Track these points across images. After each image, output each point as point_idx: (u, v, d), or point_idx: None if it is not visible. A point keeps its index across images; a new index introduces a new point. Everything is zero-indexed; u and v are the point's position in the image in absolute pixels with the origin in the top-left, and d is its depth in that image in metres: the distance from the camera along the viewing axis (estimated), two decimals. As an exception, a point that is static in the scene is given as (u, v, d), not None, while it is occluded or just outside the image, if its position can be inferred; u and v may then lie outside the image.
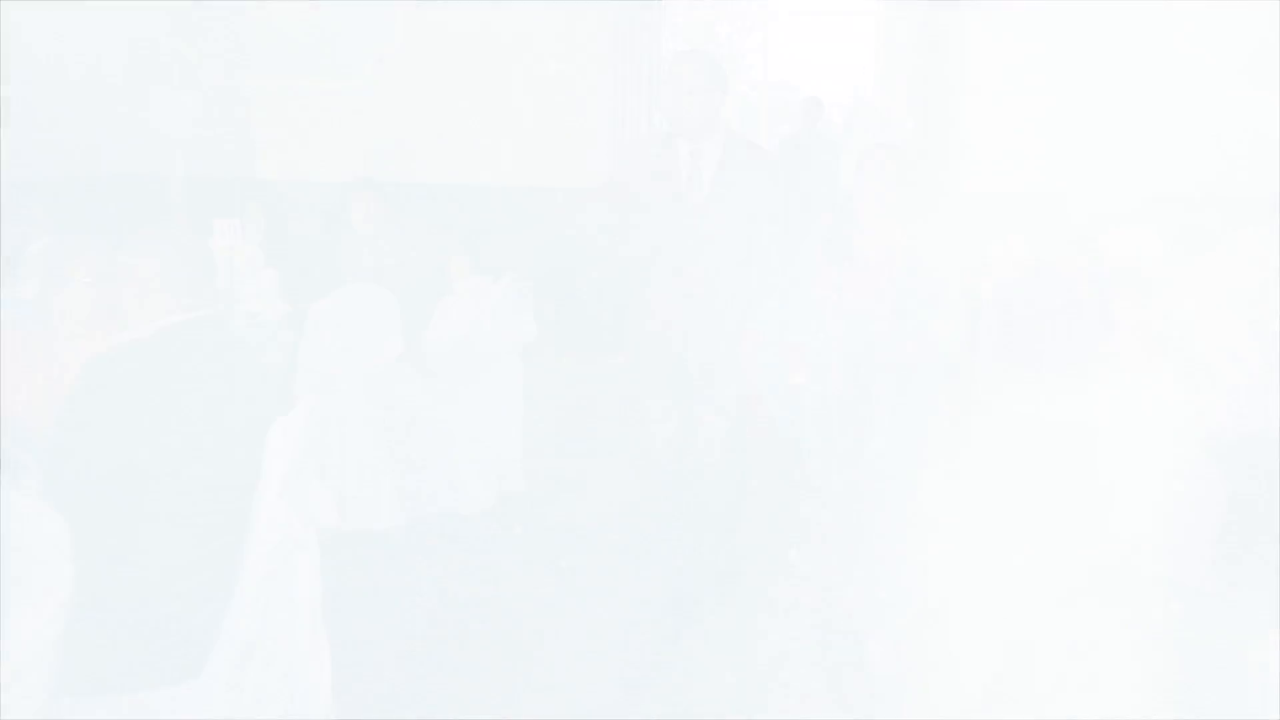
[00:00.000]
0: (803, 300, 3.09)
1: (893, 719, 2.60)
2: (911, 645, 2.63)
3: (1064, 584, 2.41)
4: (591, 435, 5.40)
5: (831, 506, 3.01)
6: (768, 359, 3.08)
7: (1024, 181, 7.21)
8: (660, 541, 3.36)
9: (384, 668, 3.11)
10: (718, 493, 3.20)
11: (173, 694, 2.06)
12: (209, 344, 2.18)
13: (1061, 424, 2.70)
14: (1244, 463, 2.82)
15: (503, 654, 3.20)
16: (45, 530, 1.72)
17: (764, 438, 3.28)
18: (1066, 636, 2.39)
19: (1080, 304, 5.28)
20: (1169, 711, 2.33)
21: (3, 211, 5.39)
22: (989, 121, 7.18)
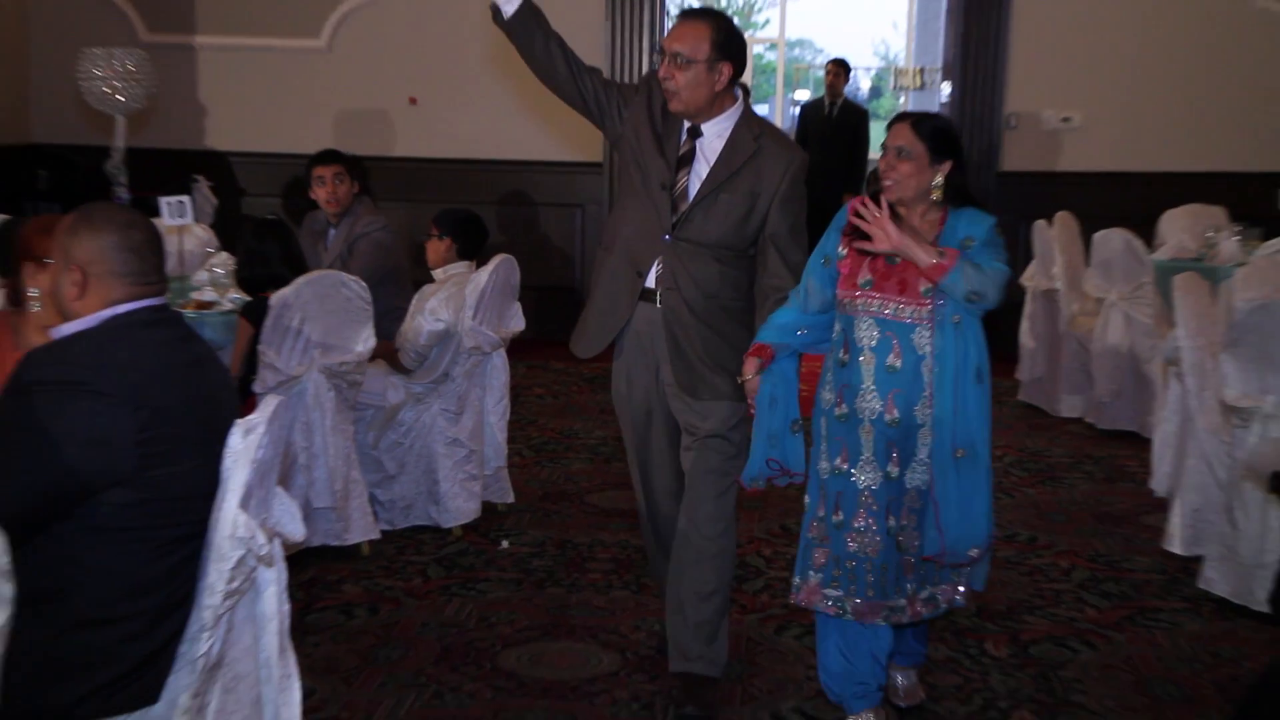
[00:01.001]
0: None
1: None
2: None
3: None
4: (584, 437, 5.48)
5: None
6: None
7: (1071, 159, 7.26)
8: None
9: (356, 693, 3.14)
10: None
11: (127, 722, 2.09)
12: (158, 339, 2.16)
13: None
14: None
15: (491, 679, 3.24)
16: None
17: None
18: None
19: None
20: None
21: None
22: (1036, 88, 7.21)
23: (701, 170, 2.95)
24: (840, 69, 9.11)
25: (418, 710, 3.09)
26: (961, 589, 2.89)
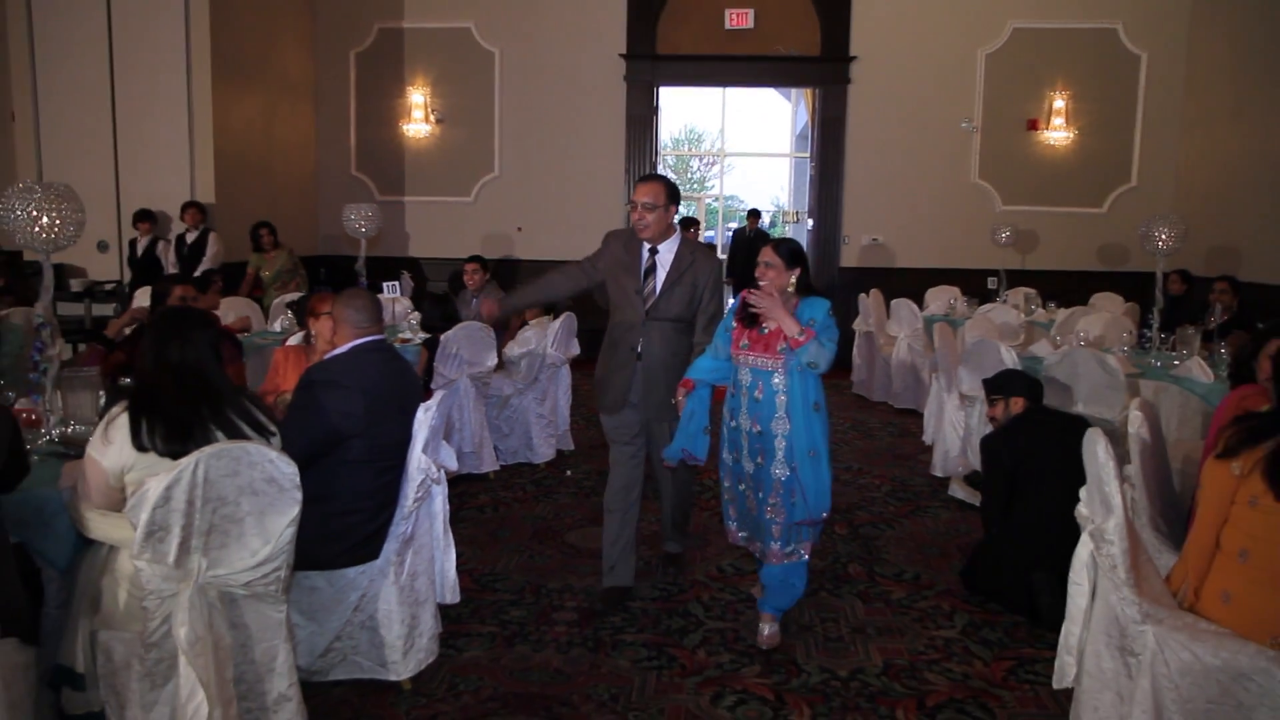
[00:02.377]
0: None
1: None
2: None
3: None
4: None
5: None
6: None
7: (879, 261, 7.26)
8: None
9: (487, 555, 3.14)
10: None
11: (361, 569, 2.09)
12: (379, 358, 2.18)
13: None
14: None
15: (560, 548, 3.23)
16: (284, 471, 1.74)
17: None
18: None
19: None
20: None
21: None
22: (859, 222, 7.24)
23: (661, 275, 2.71)
24: (753, 214, 9.19)
25: (520, 565, 3.06)
26: (806, 548, 2.53)
